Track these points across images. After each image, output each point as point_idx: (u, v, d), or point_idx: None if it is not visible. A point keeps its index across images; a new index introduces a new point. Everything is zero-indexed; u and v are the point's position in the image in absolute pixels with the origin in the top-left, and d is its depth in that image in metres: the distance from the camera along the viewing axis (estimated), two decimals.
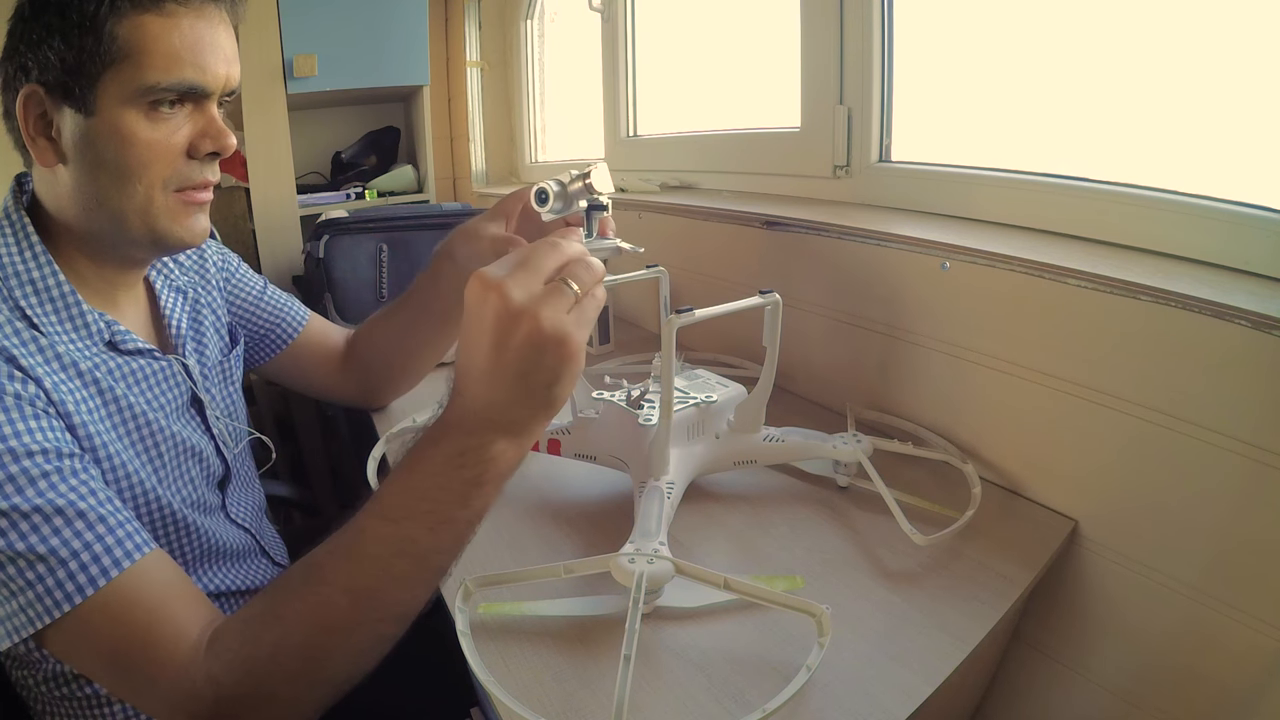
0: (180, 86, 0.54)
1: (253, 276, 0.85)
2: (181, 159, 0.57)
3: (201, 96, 0.57)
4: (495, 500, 0.48)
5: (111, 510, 0.49)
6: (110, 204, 0.56)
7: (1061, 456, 0.68)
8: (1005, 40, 0.86)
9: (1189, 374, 0.58)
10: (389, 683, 0.73)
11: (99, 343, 0.59)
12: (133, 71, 0.52)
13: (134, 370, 0.61)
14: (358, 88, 1.88)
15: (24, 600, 0.45)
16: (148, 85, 0.53)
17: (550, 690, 0.49)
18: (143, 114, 0.54)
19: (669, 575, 0.53)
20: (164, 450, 0.62)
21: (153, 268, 0.69)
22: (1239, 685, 0.58)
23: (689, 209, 1.11)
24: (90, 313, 0.58)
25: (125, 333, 0.61)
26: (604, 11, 1.50)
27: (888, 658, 0.51)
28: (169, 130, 0.55)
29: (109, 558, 0.47)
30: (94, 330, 0.58)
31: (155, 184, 0.56)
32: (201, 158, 0.58)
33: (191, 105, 0.57)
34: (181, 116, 0.56)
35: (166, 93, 0.54)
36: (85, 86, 0.52)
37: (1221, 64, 0.66)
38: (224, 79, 0.57)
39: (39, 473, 0.47)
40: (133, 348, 0.61)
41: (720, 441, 0.71)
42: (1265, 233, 0.61)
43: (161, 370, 0.64)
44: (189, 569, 0.63)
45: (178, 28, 0.53)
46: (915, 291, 0.79)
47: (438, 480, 0.46)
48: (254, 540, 0.73)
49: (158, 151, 0.55)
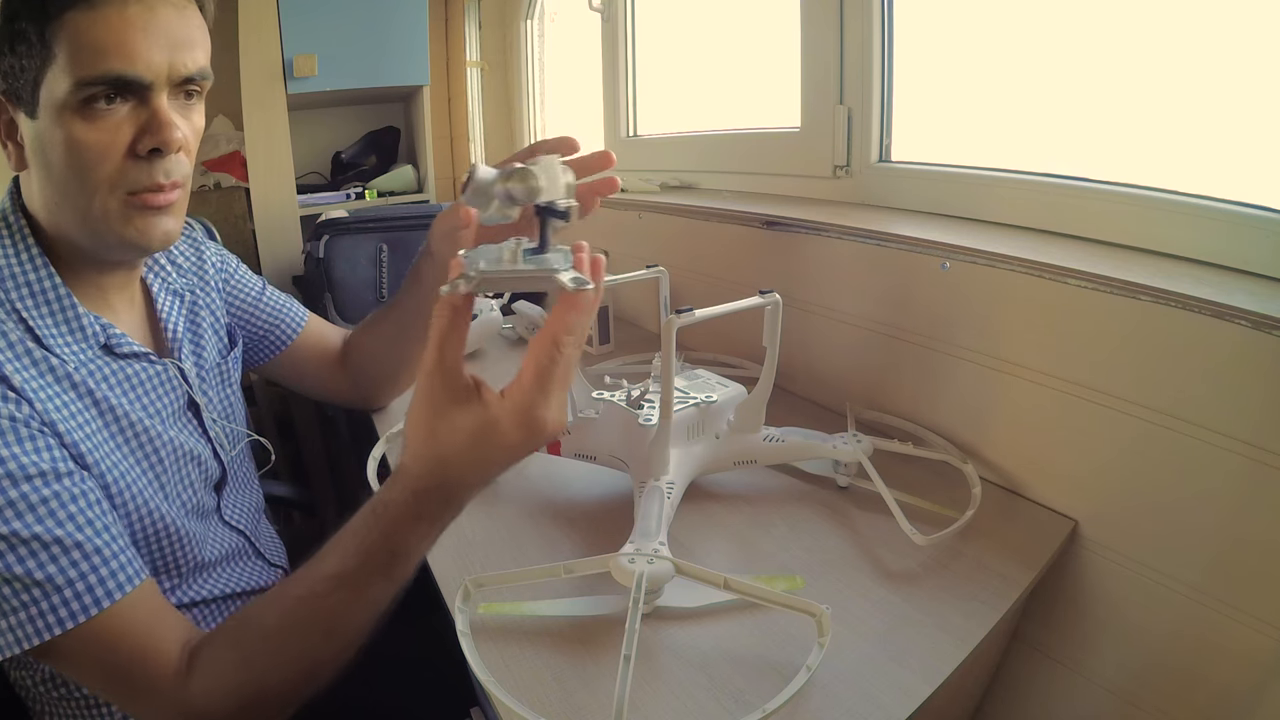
0: (106, 78, 0.51)
1: (252, 278, 0.85)
2: (126, 159, 0.53)
3: (140, 88, 0.52)
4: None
5: (107, 540, 0.50)
6: (68, 207, 0.55)
7: (1061, 456, 0.68)
8: (1005, 40, 0.86)
9: (1189, 374, 0.58)
10: (389, 683, 0.73)
11: (94, 346, 0.58)
12: (62, 70, 0.50)
13: (129, 375, 0.61)
14: (358, 88, 1.88)
15: (16, 620, 0.47)
16: (75, 81, 0.50)
17: (550, 690, 0.49)
18: (78, 114, 0.51)
19: (669, 575, 0.53)
20: (160, 456, 0.61)
21: (149, 270, 0.69)
22: (1239, 685, 0.58)
23: (689, 209, 1.11)
24: (86, 315, 0.58)
25: (121, 336, 0.61)
26: (604, 11, 1.50)
27: (888, 658, 0.51)
28: (108, 129, 0.52)
29: (102, 589, 0.49)
30: (90, 334, 0.58)
31: (101, 187, 0.54)
32: (145, 155, 0.54)
33: (135, 101, 0.53)
34: (122, 114, 0.53)
35: (93, 87, 0.51)
36: (28, 90, 0.52)
37: (1221, 64, 0.66)
38: (165, 66, 0.53)
39: (38, 499, 0.48)
40: (128, 351, 0.61)
41: (720, 441, 0.71)
42: (1265, 233, 0.61)
43: (157, 374, 0.63)
44: (179, 577, 0.63)
45: (104, 19, 0.50)
46: (915, 292, 0.79)
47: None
48: (248, 542, 0.73)
49: (98, 152, 0.52)
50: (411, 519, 0.48)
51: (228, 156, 1.93)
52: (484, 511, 0.71)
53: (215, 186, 1.94)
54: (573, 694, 0.49)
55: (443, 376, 0.45)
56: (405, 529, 0.48)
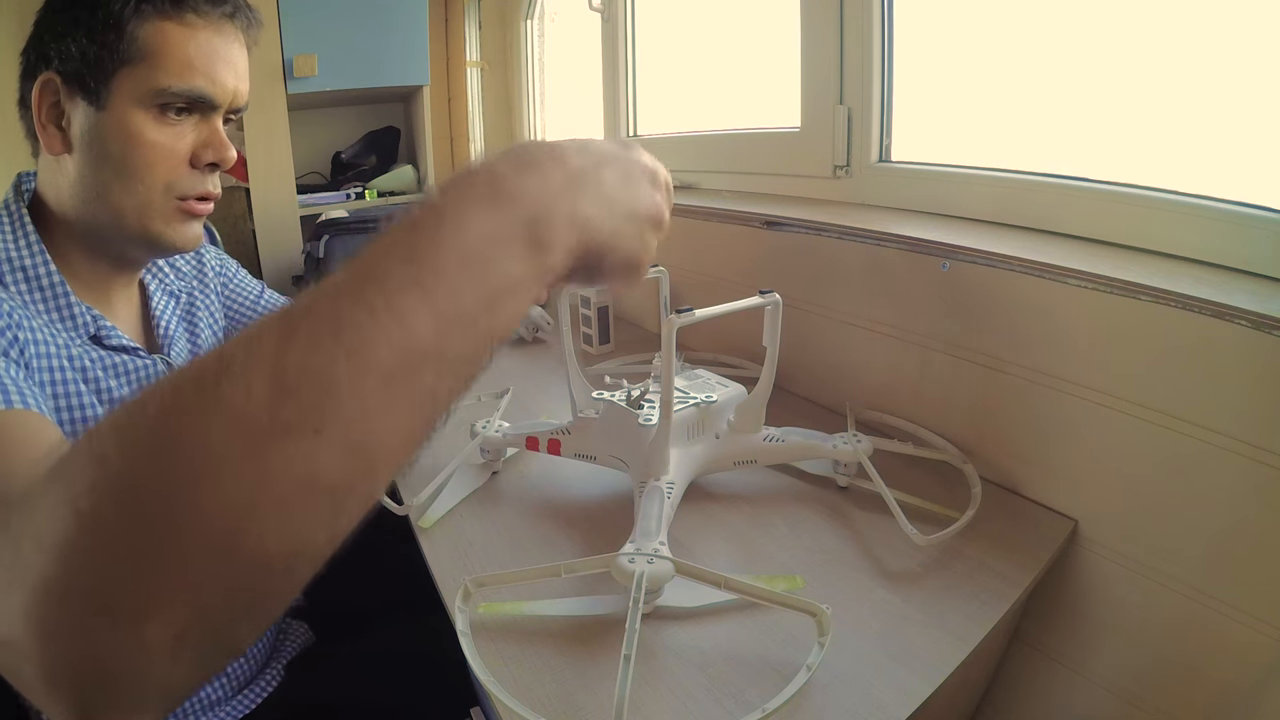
0: (190, 94, 0.56)
1: (250, 282, 0.85)
2: (184, 165, 0.58)
3: (209, 108, 0.58)
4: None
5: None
6: (110, 198, 0.57)
7: (1061, 456, 0.68)
8: (1005, 40, 0.86)
9: (1189, 374, 0.58)
10: (389, 682, 0.73)
11: (84, 335, 0.59)
12: (147, 73, 0.54)
13: (116, 364, 0.61)
14: (358, 88, 1.88)
15: None
16: (160, 88, 0.55)
17: (550, 690, 0.49)
18: (151, 116, 0.56)
19: (669, 575, 0.53)
20: None
21: (148, 271, 0.70)
22: (1239, 685, 0.58)
23: (689, 209, 1.11)
24: (78, 304, 0.59)
25: (111, 328, 0.61)
26: (604, 11, 1.50)
27: (888, 658, 0.51)
28: (174, 135, 0.57)
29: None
30: (80, 323, 0.59)
31: (156, 186, 0.57)
32: (202, 168, 0.59)
33: (199, 115, 0.59)
34: (188, 125, 0.58)
35: (176, 98, 0.56)
36: (100, 81, 0.54)
37: (1221, 64, 0.66)
38: (232, 93, 0.59)
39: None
40: (116, 344, 0.62)
41: (720, 441, 0.71)
42: (1265, 233, 0.61)
43: (145, 368, 0.64)
44: None
45: (195, 38, 0.56)
46: (915, 292, 0.79)
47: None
48: None
49: (161, 154, 0.57)
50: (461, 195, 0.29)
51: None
52: (484, 511, 0.71)
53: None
54: (573, 694, 0.48)
55: None
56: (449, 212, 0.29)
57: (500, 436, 0.74)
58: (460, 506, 0.72)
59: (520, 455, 0.81)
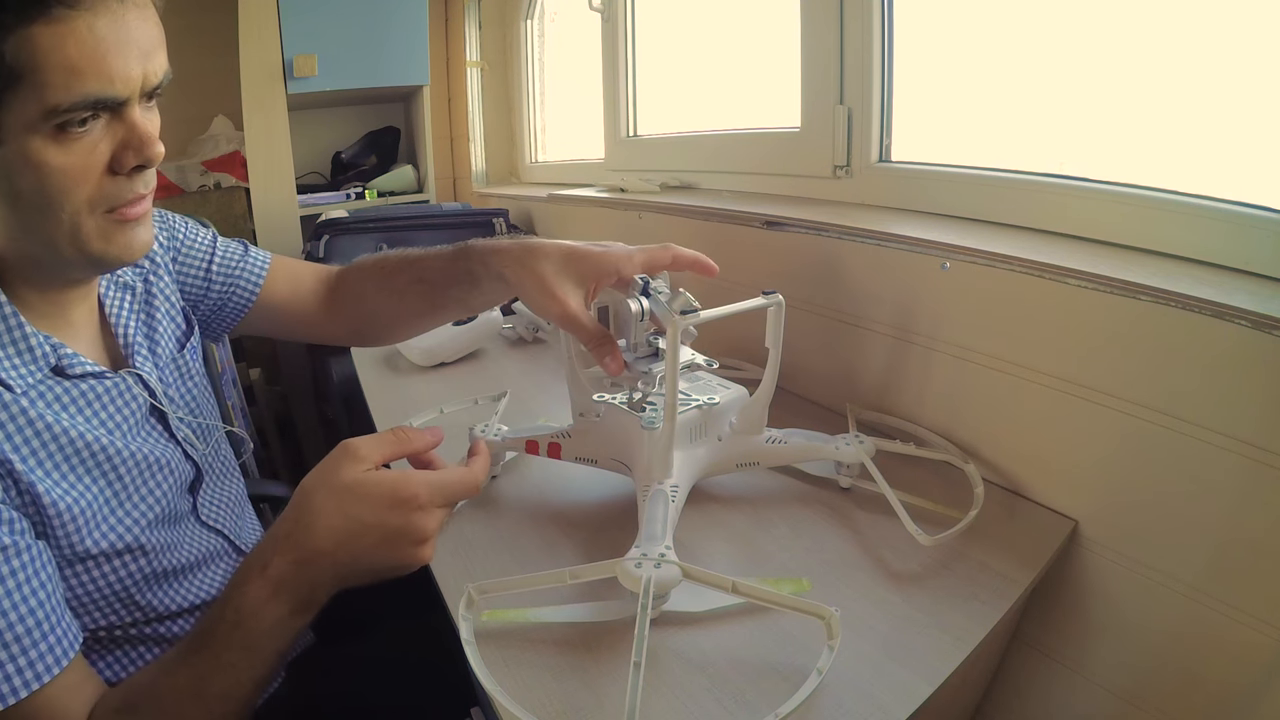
0: (84, 102, 0.47)
1: (199, 245, 0.78)
2: (105, 178, 0.51)
3: (115, 105, 0.49)
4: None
5: (35, 624, 0.48)
6: (38, 233, 0.51)
7: (1061, 456, 0.68)
8: (1005, 40, 0.86)
9: (1189, 374, 0.58)
10: (389, 682, 0.73)
11: (44, 368, 0.55)
12: (29, 93, 0.45)
13: (83, 393, 0.58)
14: (358, 88, 1.89)
15: None
16: (48, 108, 0.46)
17: (554, 696, 0.49)
18: (51, 138, 0.47)
19: (676, 580, 0.52)
20: (119, 473, 0.59)
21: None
22: (1239, 685, 0.58)
23: (689, 209, 1.11)
24: (35, 335, 0.55)
25: (73, 356, 0.58)
26: (604, 11, 1.50)
27: (888, 658, 0.51)
28: (84, 151, 0.49)
29: (19, 679, 0.47)
30: (39, 355, 0.55)
31: (80, 209, 0.50)
32: (127, 173, 0.51)
33: (107, 116, 0.50)
34: (97, 132, 0.49)
35: (70, 113, 0.47)
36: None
37: (1221, 64, 0.66)
38: (140, 78, 0.50)
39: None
40: (80, 372, 0.58)
41: (723, 444, 0.71)
42: (1265, 233, 0.61)
43: (113, 388, 0.60)
44: (147, 591, 0.61)
45: (72, 35, 0.45)
46: (916, 292, 0.79)
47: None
48: (226, 541, 0.71)
49: (75, 176, 0.49)
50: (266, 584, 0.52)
51: (228, 156, 1.93)
52: (485, 515, 0.71)
53: (215, 186, 1.94)
54: (577, 700, 0.49)
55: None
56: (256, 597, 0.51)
57: (499, 440, 0.74)
58: (460, 508, 0.72)
59: (520, 459, 0.81)
